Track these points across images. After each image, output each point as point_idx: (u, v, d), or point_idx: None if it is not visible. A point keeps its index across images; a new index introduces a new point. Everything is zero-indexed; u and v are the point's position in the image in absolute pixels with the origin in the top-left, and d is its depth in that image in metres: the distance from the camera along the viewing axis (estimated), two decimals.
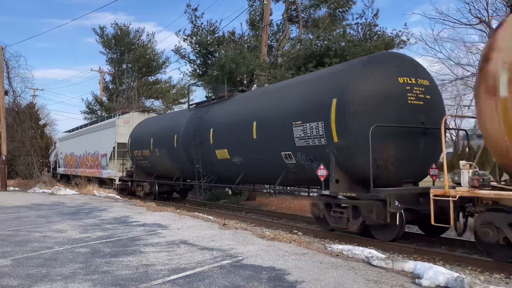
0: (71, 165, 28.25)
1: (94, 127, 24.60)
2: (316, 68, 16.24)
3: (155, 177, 16.79)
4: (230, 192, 17.38)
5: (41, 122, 35.36)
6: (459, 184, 6.41)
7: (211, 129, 12.20)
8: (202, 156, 12.68)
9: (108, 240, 7.38)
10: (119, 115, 21.22)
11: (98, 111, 38.95)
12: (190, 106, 15.18)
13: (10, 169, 27.83)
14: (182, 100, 37.34)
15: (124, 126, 20.66)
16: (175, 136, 14.23)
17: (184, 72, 26.77)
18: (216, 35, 20.89)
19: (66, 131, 31.99)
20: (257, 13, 22.46)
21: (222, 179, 12.82)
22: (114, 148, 20.52)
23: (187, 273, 5.13)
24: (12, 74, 25.84)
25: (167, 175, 16.23)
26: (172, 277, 4.93)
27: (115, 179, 20.12)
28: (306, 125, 8.71)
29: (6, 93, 24.90)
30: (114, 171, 20.37)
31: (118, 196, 17.40)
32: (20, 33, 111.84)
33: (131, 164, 19.19)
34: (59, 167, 31.65)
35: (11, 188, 23.52)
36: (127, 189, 18.79)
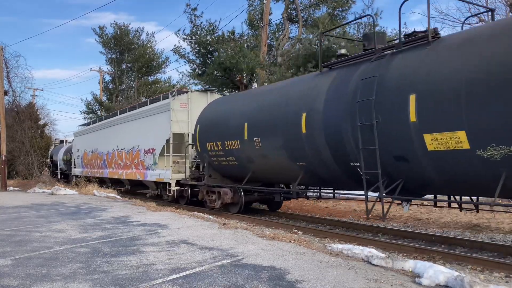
0: (93, 165, 23.40)
1: (133, 115, 18.54)
2: (316, 68, 16.25)
3: (242, 181, 11.50)
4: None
5: (41, 122, 35.27)
6: None
7: (411, 96, 6.78)
8: (384, 146, 7.29)
9: (108, 240, 7.38)
10: (174, 95, 15.26)
11: (97, 111, 38.96)
12: (332, 66, 9.24)
13: (10, 169, 27.82)
14: None
15: (181, 110, 14.94)
16: (303, 115, 8.96)
17: (183, 72, 26.82)
18: (216, 34, 20.89)
19: (81, 125, 27.91)
20: (257, 13, 22.48)
21: (429, 187, 7.32)
22: (168, 140, 14.92)
23: (187, 272, 5.13)
24: (11, 74, 25.86)
25: (264, 178, 11.43)
26: (172, 277, 4.93)
27: (169, 183, 14.65)
28: None
29: (5, 93, 24.90)
30: (168, 172, 14.68)
31: (118, 196, 17.40)
32: (21, 33, 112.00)
33: (192, 163, 14.65)
34: (74, 167, 27.06)
35: (11, 188, 23.51)
36: (185, 197, 14.57)
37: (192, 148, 14.34)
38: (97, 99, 38.83)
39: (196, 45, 21.24)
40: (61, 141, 37.91)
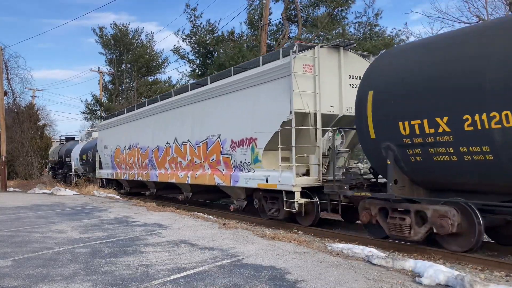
0: (130, 165, 17.80)
1: (208, 92, 12.45)
2: None
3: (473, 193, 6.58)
4: None
5: (41, 123, 35.21)
6: None
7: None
8: None
9: (108, 240, 7.38)
10: (295, 50, 9.44)
11: (97, 112, 38.93)
12: None
13: (10, 170, 27.79)
14: None
15: (304, 76, 9.45)
16: None
17: (183, 72, 26.77)
18: (215, 34, 20.90)
19: (110, 114, 22.54)
20: (256, 13, 22.48)
21: None
22: (285, 124, 9.42)
23: (188, 272, 5.13)
24: (11, 75, 25.87)
25: None
26: (172, 277, 4.93)
27: (287, 191, 9.28)
28: None
29: (5, 93, 24.89)
30: (285, 174, 9.35)
31: (118, 196, 17.39)
32: (21, 33, 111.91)
33: (324, 159, 9.34)
34: (100, 168, 21.73)
35: (11, 188, 23.50)
36: (310, 214, 9.37)
37: (336, 133, 9.15)
38: (97, 99, 38.80)
39: (196, 45, 21.26)
40: (60, 141, 35.89)
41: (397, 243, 7.61)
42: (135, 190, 18.77)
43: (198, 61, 22.36)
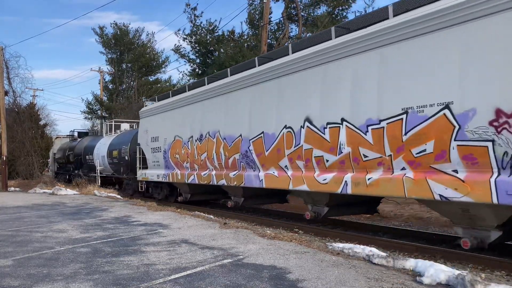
0: (203, 164, 12.45)
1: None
2: None
3: None
4: None
5: (41, 123, 35.24)
6: None
7: None
8: None
9: (109, 239, 7.38)
10: None
11: (98, 111, 38.98)
12: None
13: (11, 170, 27.82)
14: None
15: None
16: None
17: (183, 72, 26.76)
18: (216, 34, 20.89)
19: (161, 95, 16.30)
20: (257, 12, 22.48)
21: None
22: None
23: (188, 272, 5.13)
24: (12, 75, 25.86)
25: None
26: (173, 277, 4.94)
27: None
28: None
29: (6, 93, 24.90)
30: None
31: (118, 196, 17.41)
32: (22, 33, 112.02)
33: None
34: (141, 167, 16.37)
35: (12, 188, 23.53)
36: None
37: None
38: (98, 99, 38.84)
39: (196, 45, 21.25)
40: (73, 136, 30.53)
41: (398, 243, 7.61)
42: (198, 197, 14.11)
43: (198, 61, 22.35)
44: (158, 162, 15.09)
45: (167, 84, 38.90)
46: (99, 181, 21.63)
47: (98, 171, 21.86)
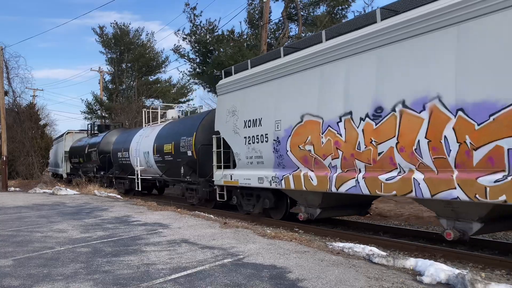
0: (387, 160, 7.15)
1: None
2: None
3: None
4: None
5: (41, 123, 35.24)
6: None
7: None
8: None
9: (109, 239, 7.38)
10: None
11: (98, 111, 38.96)
12: None
13: (11, 170, 27.81)
14: (182, 100, 37.38)
15: None
16: None
17: (183, 71, 26.71)
18: (215, 33, 20.89)
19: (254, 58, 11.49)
20: (256, 11, 22.47)
21: None
22: None
23: (188, 272, 5.13)
24: (11, 75, 25.85)
25: None
26: (173, 276, 4.94)
27: None
28: None
29: (6, 93, 24.90)
30: None
31: (119, 196, 17.40)
32: (23, 32, 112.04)
33: None
34: (222, 166, 12.04)
35: (12, 188, 23.52)
36: None
37: None
38: (98, 99, 38.82)
39: (196, 44, 21.25)
40: (92, 131, 25.44)
41: (399, 242, 7.62)
42: (331, 214, 9.71)
43: (198, 60, 22.35)
44: (261, 158, 10.13)
45: (167, 84, 38.90)
46: (140, 185, 16.98)
47: (138, 173, 16.98)
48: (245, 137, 10.76)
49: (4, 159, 23.22)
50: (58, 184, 23.60)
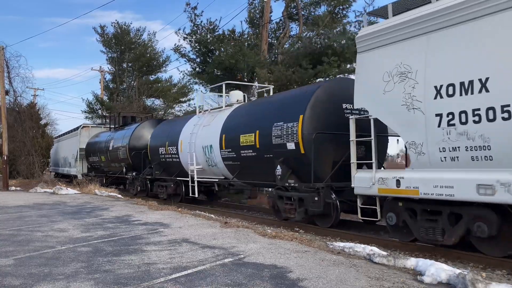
0: None
1: None
2: (313, 66, 16.27)
3: None
4: None
5: (42, 122, 35.25)
6: None
7: None
8: None
9: (110, 239, 7.39)
10: None
11: (98, 111, 38.96)
12: None
13: (12, 169, 27.83)
14: (183, 99, 37.38)
15: None
16: None
17: (184, 71, 26.69)
18: (216, 33, 20.88)
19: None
20: (257, 11, 22.46)
21: None
22: None
23: (189, 271, 5.14)
24: (12, 74, 25.86)
25: None
26: (174, 276, 4.94)
27: None
28: None
29: (7, 93, 24.91)
30: None
31: (119, 195, 17.40)
32: (24, 32, 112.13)
33: None
34: (381, 165, 9.46)
35: (13, 187, 23.53)
36: None
37: None
38: (98, 98, 38.82)
39: (197, 44, 21.24)
40: (121, 122, 21.37)
41: (399, 242, 7.61)
42: None
43: (198, 60, 22.34)
44: (486, 149, 5.94)
45: (168, 83, 38.88)
46: (196, 191, 13.31)
47: (195, 173, 13.17)
48: (437, 115, 6.50)
49: (5, 158, 23.24)
50: (58, 184, 23.62)
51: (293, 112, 9.68)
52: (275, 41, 21.71)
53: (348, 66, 17.54)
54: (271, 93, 13.65)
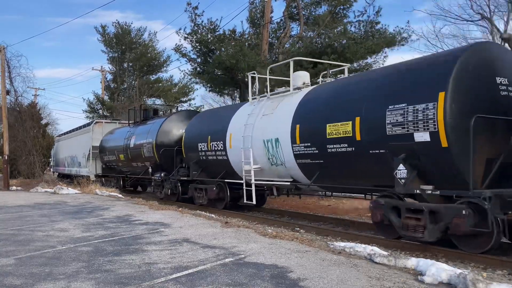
0: None
1: None
2: (314, 66, 16.26)
3: None
4: None
5: (43, 122, 35.27)
6: None
7: None
8: None
9: (110, 238, 7.39)
10: None
11: (99, 110, 38.99)
12: None
13: (13, 169, 27.85)
14: (184, 99, 37.41)
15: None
16: None
17: (184, 71, 26.62)
18: (217, 33, 20.88)
19: None
20: (258, 11, 22.47)
21: None
22: None
23: (190, 271, 5.14)
24: (13, 74, 25.87)
25: None
26: (174, 275, 4.94)
27: None
28: None
29: (7, 92, 24.94)
30: None
31: (120, 195, 17.41)
32: (26, 32, 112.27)
33: None
34: None
35: (14, 187, 23.56)
36: None
37: None
38: (99, 98, 38.85)
39: (197, 44, 21.23)
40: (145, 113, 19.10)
41: (399, 242, 7.61)
42: None
43: (199, 60, 22.34)
44: None
45: (169, 83, 38.92)
46: (254, 197, 10.83)
47: (253, 174, 10.71)
48: None
49: (6, 158, 23.26)
50: (59, 183, 23.63)
51: (424, 89, 6.84)
52: (276, 41, 21.70)
53: (349, 66, 17.39)
54: (346, 74, 11.49)
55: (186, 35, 21.18)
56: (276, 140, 9.94)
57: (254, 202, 10.95)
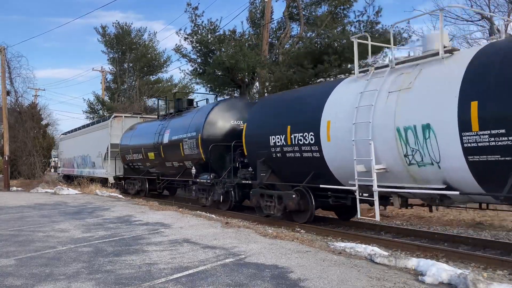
0: None
1: None
2: (314, 65, 16.26)
3: None
4: None
5: (43, 122, 35.30)
6: None
7: None
8: None
9: (111, 239, 7.39)
10: None
11: (99, 111, 38.98)
12: None
13: (13, 169, 27.88)
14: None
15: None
16: None
17: (184, 71, 26.59)
18: (217, 33, 20.88)
19: None
20: (258, 11, 22.47)
21: None
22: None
23: (190, 271, 5.14)
24: (13, 75, 25.92)
25: None
26: (175, 276, 4.94)
27: None
28: None
29: (8, 93, 24.95)
30: None
31: (120, 196, 17.41)
32: (27, 32, 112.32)
33: None
34: None
35: (14, 188, 23.58)
36: None
37: None
38: (99, 98, 38.86)
39: (197, 44, 21.23)
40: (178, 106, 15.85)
41: (400, 242, 7.61)
42: None
43: (199, 60, 22.34)
44: None
45: (169, 83, 38.91)
46: (377, 211, 7.71)
47: (375, 176, 7.51)
48: None
49: (6, 158, 23.28)
50: (59, 184, 23.65)
51: None
52: (276, 41, 21.70)
53: (349, 66, 17.35)
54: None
55: (186, 36, 21.19)
56: (425, 128, 6.91)
57: (377, 218, 7.89)
